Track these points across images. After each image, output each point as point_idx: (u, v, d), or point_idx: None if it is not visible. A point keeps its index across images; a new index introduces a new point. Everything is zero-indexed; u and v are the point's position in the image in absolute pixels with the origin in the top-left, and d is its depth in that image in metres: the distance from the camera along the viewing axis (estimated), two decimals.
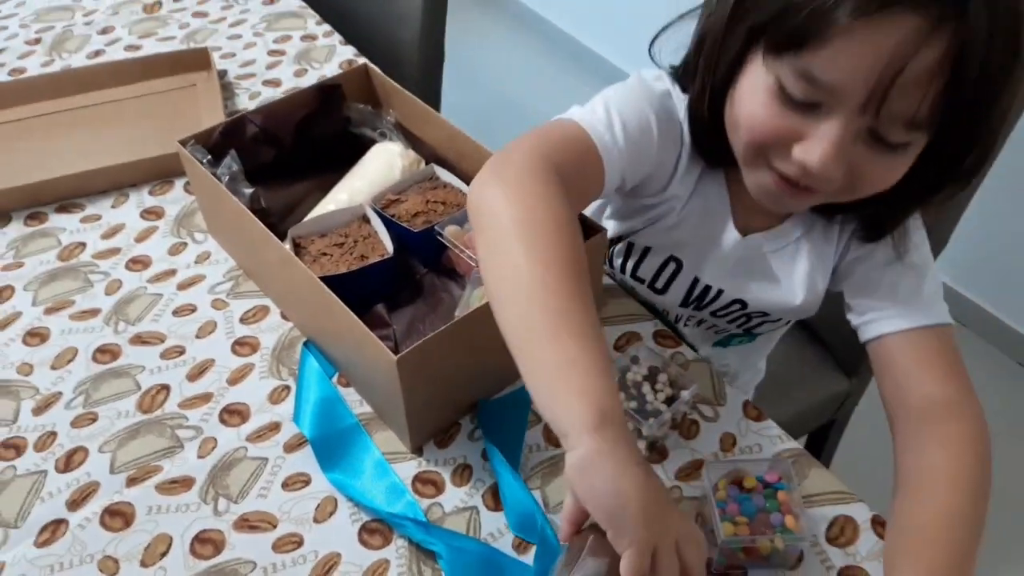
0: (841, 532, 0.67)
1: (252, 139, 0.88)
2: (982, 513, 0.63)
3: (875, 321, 0.73)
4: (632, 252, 0.85)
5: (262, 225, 0.76)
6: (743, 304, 0.83)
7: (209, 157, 0.84)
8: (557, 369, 0.54)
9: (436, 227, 0.84)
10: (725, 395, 0.77)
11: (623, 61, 2.32)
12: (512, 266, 0.58)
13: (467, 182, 0.90)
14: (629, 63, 2.24)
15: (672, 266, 0.83)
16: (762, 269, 0.80)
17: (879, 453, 0.72)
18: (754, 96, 0.62)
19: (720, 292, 0.82)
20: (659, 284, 0.84)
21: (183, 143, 0.84)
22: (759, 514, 0.64)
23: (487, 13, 2.87)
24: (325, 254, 0.84)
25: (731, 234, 0.78)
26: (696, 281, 0.83)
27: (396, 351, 0.68)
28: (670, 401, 0.72)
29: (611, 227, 0.85)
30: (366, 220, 0.88)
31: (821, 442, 1.30)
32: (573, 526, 0.55)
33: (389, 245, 0.84)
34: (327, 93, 0.92)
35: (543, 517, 0.67)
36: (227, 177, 0.84)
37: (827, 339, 1.20)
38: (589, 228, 0.75)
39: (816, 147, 0.59)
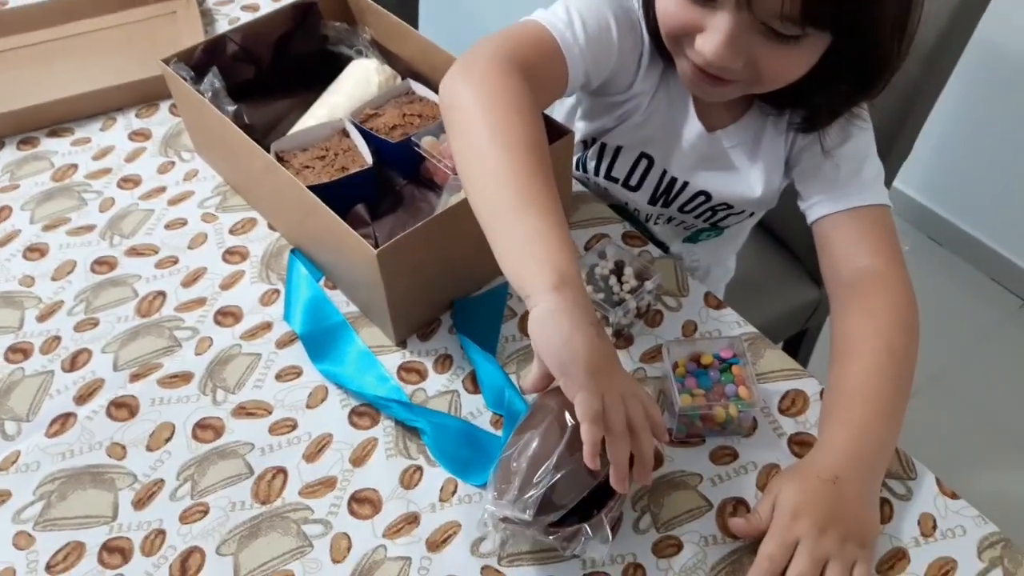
0: (792, 403, 0.73)
1: (232, 57, 0.91)
2: (905, 372, 0.69)
3: (816, 204, 0.79)
4: (605, 153, 0.89)
5: (246, 136, 0.80)
6: (707, 196, 0.88)
7: (192, 75, 0.87)
8: (523, 240, 0.60)
9: (412, 138, 0.88)
10: (688, 287, 0.82)
11: None
12: (479, 153, 0.64)
13: (434, 90, 0.94)
14: None
15: (644, 163, 0.88)
16: (724, 163, 0.85)
17: None
18: None
19: (686, 184, 0.87)
20: (632, 181, 0.89)
21: (166, 62, 0.87)
22: (715, 386, 0.70)
23: None
24: (307, 167, 0.87)
25: (694, 128, 0.83)
26: (664, 174, 0.87)
27: (376, 245, 0.72)
28: (635, 292, 0.77)
29: (583, 128, 0.89)
30: (345, 134, 0.92)
31: (795, 350, 1.36)
32: (537, 383, 0.61)
33: (368, 156, 0.88)
34: (303, 11, 0.95)
35: (512, 390, 0.72)
36: (210, 94, 0.87)
37: (796, 248, 1.25)
38: (556, 130, 0.79)
39: (711, 38, 0.66)
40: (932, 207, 1.84)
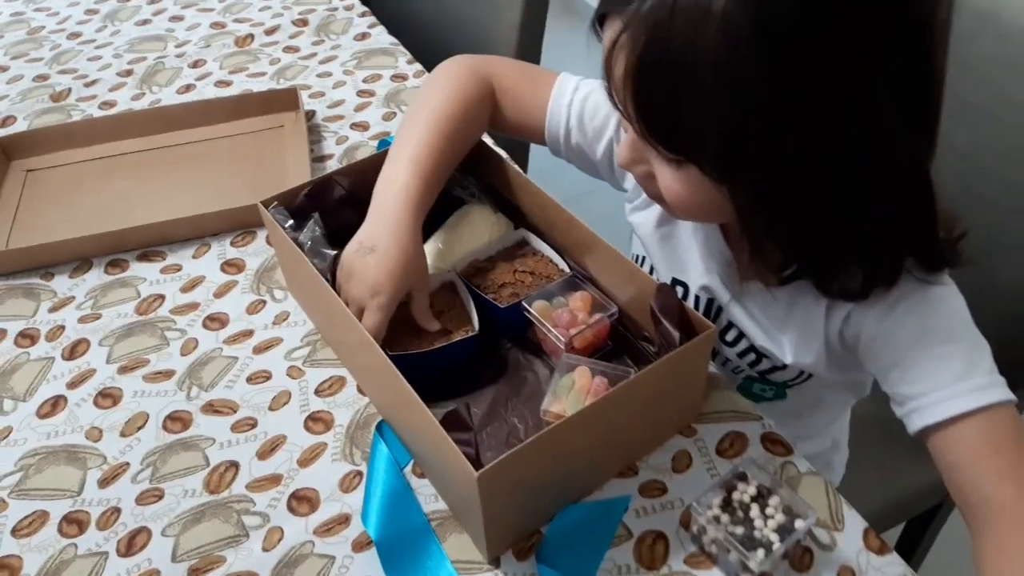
0: None
1: (338, 201, 0.84)
2: None
3: (915, 412, 0.66)
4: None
5: (343, 304, 0.72)
6: (742, 333, 0.78)
7: (291, 222, 0.80)
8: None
9: (523, 302, 0.78)
10: (843, 517, 0.68)
11: None
12: (412, 116, 0.82)
13: (559, 252, 0.84)
14: None
15: (680, 290, 0.81)
16: (753, 314, 0.76)
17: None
18: None
19: (720, 309, 0.78)
20: None
21: (266, 204, 0.80)
22: None
23: (574, 26, 2.81)
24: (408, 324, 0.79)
25: (725, 255, 0.76)
26: (698, 299, 0.80)
27: (477, 458, 0.61)
28: (782, 530, 0.63)
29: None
30: (453, 289, 0.83)
31: (923, 529, 1.18)
32: None
33: (475, 321, 0.78)
34: None
35: None
36: (309, 243, 0.80)
37: None
38: (695, 326, 0.68)
39: (621, 143, 0.66)
40: None
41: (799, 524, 0.64)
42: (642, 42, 0.53)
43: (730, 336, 0.80)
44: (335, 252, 0.81)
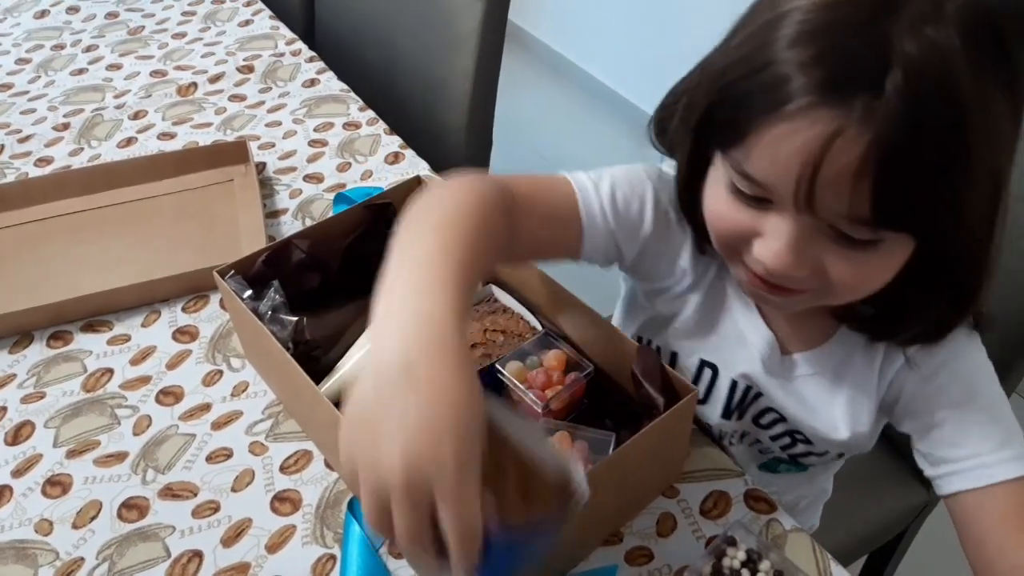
0: None
1: (297, 265, 0.81)
2: None
3: (949, 476, 0.66)
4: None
5: (305, 377, 0.68)
6: (782, 417, 0.75)
7: (249, 292, 0.76)
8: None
9: (497, 364, 0.76)
10: (831, 574, 0.67)
11: None
12: (416, 225, 0.57)
13: (529, 308, 0.83)
14: None
15: (708, 372, 0.76)
16: (798, 391, 0.73)
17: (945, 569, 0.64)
18: (715, 190, 0.61)
19: (759, 395, 0.75)
20: (699, 394, 0.77)
21: (222, 274, 0.77)
22: None
23: (528, 63, 2.82)
24: None
25: (762, 336, 0.72)
26: (735, 385, 0.75)
27: None
28: None
29: (633, 329, 0.81)
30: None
31: (886, 556, 1.19)
32: None
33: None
34: (377, 212, 0.84)
35: None
36: (269, 312, 0.76)
37: (901, 443, 1.10)
38: (677, 388, 0.67)
39: (771, 244, 0.57)
40: None
41: None
42: (889, 126, 0.49)
43: (766, 419, 0.77)
44: (296, 319, 0.78)
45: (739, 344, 0.74)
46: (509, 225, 0.61)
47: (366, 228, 0.84)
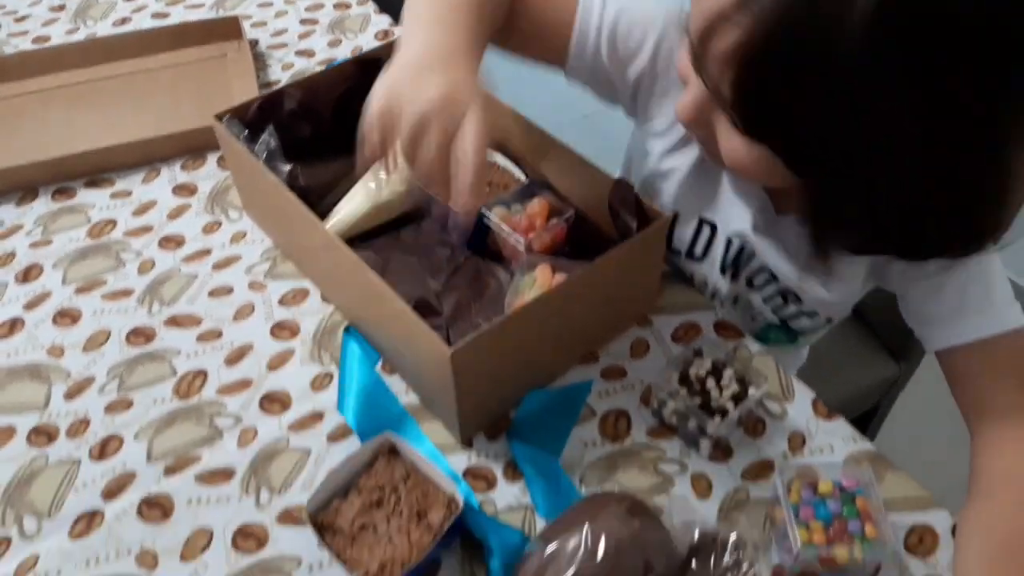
0: (920, 541, 0.63)
1: (290, 114, 0.84)
2: None
3: (941, 331, 0.69)
4: None
5: (304, 207, 0.72)
6: (774, 277, 0.78)
7: (246, 133, 0.80)
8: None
9: (483, 209, 0.80)
10: (793, 390, 0.73)
11: None
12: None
13: (513, 159, 0.86)
14: None
15: (707, 230, 0.79)
16: (791, 249, 0.75)
17: (922, 443, 0.68)
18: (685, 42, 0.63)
19: (753, 254, 0.78)
20: (697, 251, 0.80)
21: (219, 117, 0.80)
22: (835, 520, 0.60)
23: None
24: None
25: (758, 196, 0.74)
26: (730, 243, 0.78)
27: (447, 342, 0.64)
28: (736, 398, 0.68)
29: (637, 187, 0.81)
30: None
31: (861, 430, 1.26)
32: None
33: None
34: (367, 67, 0.87)
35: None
36: (264, 154, 0.80)
37: (873, 320, 1.16)
38: (649, 214, 0.71)
39: (683, 96, 0.62)
40: None
41: (752, 392, 0.68)
42: (767, 27, 0.49)
43: (760, 279, 0.80)
44: (291, 165, 0.82)
45: (735, 201, 0.76)
46: (503, 5, 0.71)
47: (357, 81, 0.87)
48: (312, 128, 0.86)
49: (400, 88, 0.58)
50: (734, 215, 0.77)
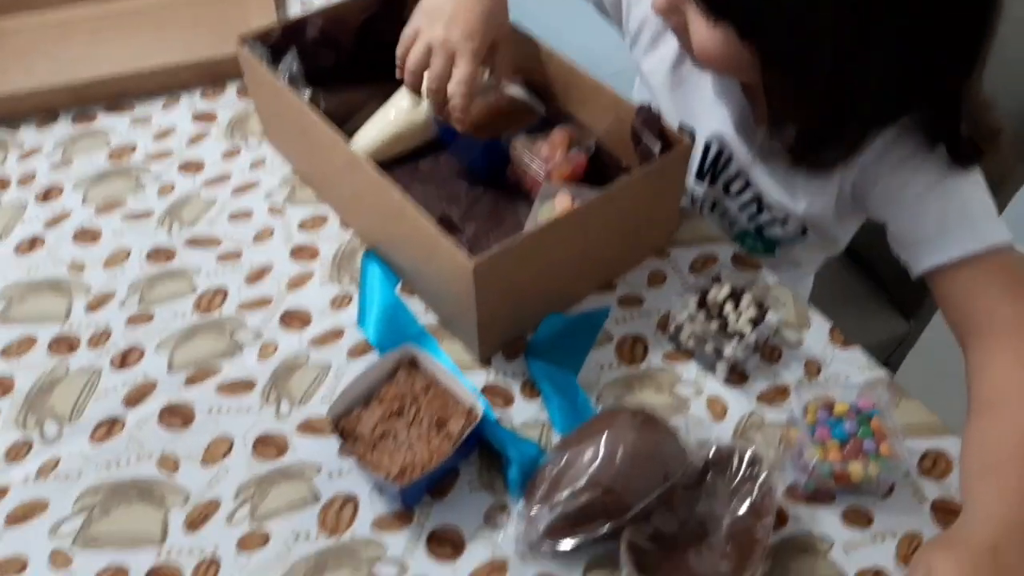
0: (934, 464, 0.64)
1: (312, 41, 0.84)
2: None
3: (926, 253, 0.69)
4: None
5: (327, 127, 0.73)
6: (748, 183, 0.80)
7: (269, 57, 0.80)
8: None
9: (503, 139, 0.80)
10: (809, 319, 0.74)
11: None
12: None
13: (536, 90, 0.86)
14: None
15: (686, 137, 0.79)
16: (765, 158, 0.77)
17: (933, 400, 0.69)
18: None
19: (730, 159, 0.80)
20: None
21: (243, 41, 0.80)
22: (851, 440, 0.61)
23: None
24: None
25: (740, 104, 0.77)
26: (708, 147, 0.82)
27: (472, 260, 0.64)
28: (754, 323, 0.68)
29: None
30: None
31: None
32: None
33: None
34: None
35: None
36: (286, 77, 0.80)
37: (884, 276, 1.15)
38: (671, 139, 0.71)
39: None
40: None
41: (770, 317, 0.68)
42: None
43: (736, 186, 0.82)
44: (311, 89, 0.82)
45: (715, 104, 0.79)
46: None
47: (379, 11, 0.87)
48: (334, 56, 0.86)
49: (422, 20, 0.74)
50: (714, 116, 0.79)
